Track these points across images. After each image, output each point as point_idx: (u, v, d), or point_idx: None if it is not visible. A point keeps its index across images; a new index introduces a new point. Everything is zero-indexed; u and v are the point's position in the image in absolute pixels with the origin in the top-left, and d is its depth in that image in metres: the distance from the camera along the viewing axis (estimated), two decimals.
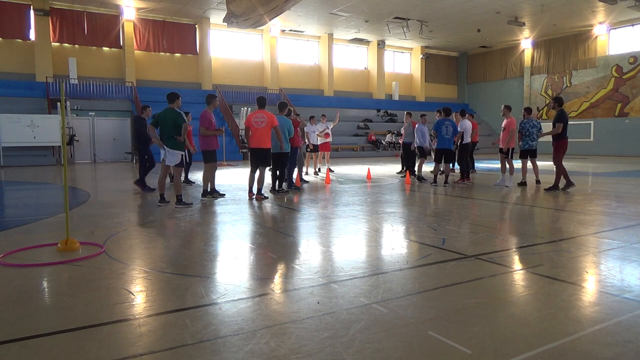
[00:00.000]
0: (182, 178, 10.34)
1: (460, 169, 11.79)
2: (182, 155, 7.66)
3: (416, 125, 12.25)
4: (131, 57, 24.82)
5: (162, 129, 7.61)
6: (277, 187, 9.45)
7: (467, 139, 11.43)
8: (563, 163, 9.58)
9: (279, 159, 9.35)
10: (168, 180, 9.79)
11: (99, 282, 3.70)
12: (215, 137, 8.69)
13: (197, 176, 11.90)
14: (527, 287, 3.61)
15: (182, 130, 7.52)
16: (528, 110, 10.65)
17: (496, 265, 4.13)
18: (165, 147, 7.57)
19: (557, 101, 9.73)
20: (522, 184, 10.60)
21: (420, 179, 11.66)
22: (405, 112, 13.60)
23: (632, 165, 18.10)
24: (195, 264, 4.29)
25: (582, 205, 7.87)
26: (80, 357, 2.44)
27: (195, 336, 2.65)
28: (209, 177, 8.75)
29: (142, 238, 5.50)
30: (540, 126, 10.55)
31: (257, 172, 8.61)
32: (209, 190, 8.74)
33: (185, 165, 10.78)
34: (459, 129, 11.21)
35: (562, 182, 9.57)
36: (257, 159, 8.51)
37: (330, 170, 13.88)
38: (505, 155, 10.76)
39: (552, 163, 9.77)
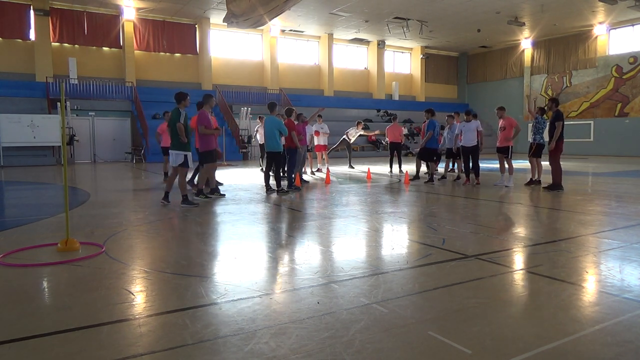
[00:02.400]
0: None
1: (475, 170, 11.16)
2: (185, 155, 7.68)
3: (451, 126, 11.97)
4: (131, 57, 24.82)
5: (169, 129, 7.79)
6: (276, 187, 9.47)
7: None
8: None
9: (274, 158, 9.39)
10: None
11: (99, 282, 3.70)
12: (215, 136, 8.68)
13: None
14: (527, 287, 3.61)
15: (177, 130, 7.56)
16: (543, 110, 10.70)
17: (496, 265, 4.13)
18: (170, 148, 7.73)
19: (555, 102, 9.73)
20: (537, 182, 10.51)
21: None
22: (448, 115, 12.94)
23: (632, 165, 18.09)
24: (195, 264, 4.29)
25: (582, 205, 7.87)
26: (80, 357, 2.44)
27: (195, 336, 2.65)
28: (206, 177, 8.77)
29: (142, 238, 5.50)
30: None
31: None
32: (202, 190, 8.76)
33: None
34: (479, 129, 10.98)
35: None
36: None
37: (320, 171, 13.97)
38: (505, 155, 10.78)
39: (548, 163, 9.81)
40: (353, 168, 15.95)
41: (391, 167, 14.56)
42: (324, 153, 14.86)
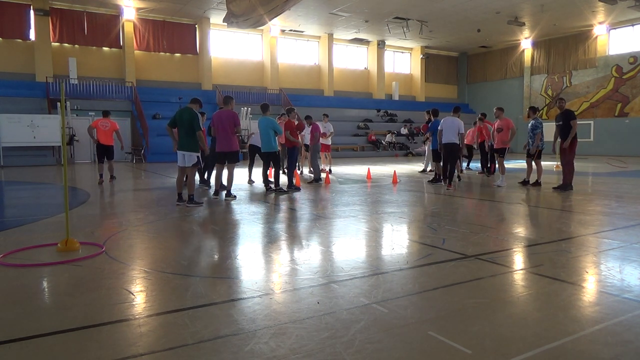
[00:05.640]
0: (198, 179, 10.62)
1: (451, 172, 10.13)
2: (197, 156, 7.81)
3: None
4: (131, 57, 24.82)
5: (179, 129, 7.76)
6: (275, 187, 9.48)
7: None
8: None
9: (270, 158, 9.40)
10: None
11: (99, 282, 3.70)
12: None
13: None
14: (527, 287, 3.61)
15: (198, 138, 7.69)
16: (534, 110, 10.57)
17: (496, 265, 4.13)
18: (181, 149, 7.74)
19: (564, 101, 9.60)
20: (537, 184, 10.34)
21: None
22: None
23: (632, 165, 18.09)
24: (195, 264, 4.29)
25: (582, 205, 7.87)
26: (80, 357, 2.44)
27: (195, 336, 2.65)
28: (233, 177, 8.80)
29: (142, 238, 5.50)
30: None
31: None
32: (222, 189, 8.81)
33: (203, 168, 10.82)
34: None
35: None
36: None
37: (330, 172, 13.95)
38: (501, 155, 10.80)
39: (555, 163, 9.76)
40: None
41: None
42: (327, 154, 14.87)
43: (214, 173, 9.29)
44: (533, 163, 10.45)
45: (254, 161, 11.52)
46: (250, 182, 11.42)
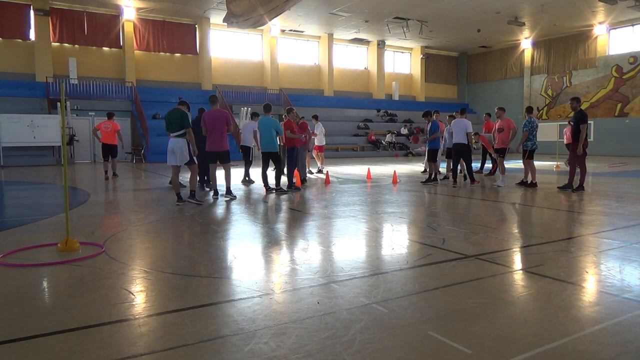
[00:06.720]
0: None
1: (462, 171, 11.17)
2: (188, 150, 7.85)
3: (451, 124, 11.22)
4: (131, 57, 24.82)
5: (170, 129, 7.85)
6: (275, 187, 9.48)
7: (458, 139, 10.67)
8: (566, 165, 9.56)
9: (271, 158, 9.43)
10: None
11: (99, 282, 3.70)
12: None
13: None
14: (527, 287, 3.61)
15: (188, 136, 7.76)
16: (529, 110, 10.54)
17: (496, 265, 4.13)
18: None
19: (578, 101, 9.39)
20: (533, 184, 10.27)
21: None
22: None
23: (632, 165, 18.09)
24: (195, 264, 4.29)
25: (582, 205, 7.87)
26: (80, 357, 2.44)
27: (195, 336, 2.65)
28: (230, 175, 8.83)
29: (142, 238, 5.50)
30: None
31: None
32: (218, 189, 8.81)
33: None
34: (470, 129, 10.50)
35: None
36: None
37: (320, 172, 14.00)
38: (502, 155, 10.78)
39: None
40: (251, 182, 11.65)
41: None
42: (320, 154, 14.87)
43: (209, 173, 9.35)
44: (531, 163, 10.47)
45: (249, 161, 11.53)
46: (251, 182, 11.45)
